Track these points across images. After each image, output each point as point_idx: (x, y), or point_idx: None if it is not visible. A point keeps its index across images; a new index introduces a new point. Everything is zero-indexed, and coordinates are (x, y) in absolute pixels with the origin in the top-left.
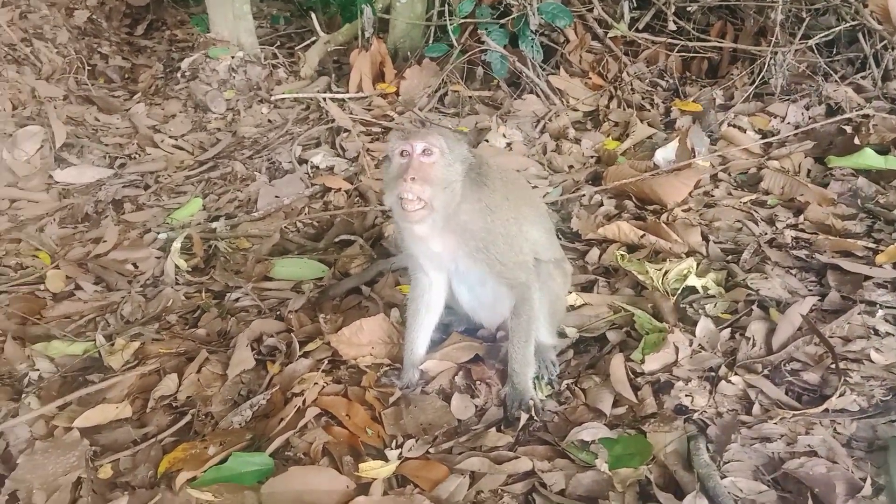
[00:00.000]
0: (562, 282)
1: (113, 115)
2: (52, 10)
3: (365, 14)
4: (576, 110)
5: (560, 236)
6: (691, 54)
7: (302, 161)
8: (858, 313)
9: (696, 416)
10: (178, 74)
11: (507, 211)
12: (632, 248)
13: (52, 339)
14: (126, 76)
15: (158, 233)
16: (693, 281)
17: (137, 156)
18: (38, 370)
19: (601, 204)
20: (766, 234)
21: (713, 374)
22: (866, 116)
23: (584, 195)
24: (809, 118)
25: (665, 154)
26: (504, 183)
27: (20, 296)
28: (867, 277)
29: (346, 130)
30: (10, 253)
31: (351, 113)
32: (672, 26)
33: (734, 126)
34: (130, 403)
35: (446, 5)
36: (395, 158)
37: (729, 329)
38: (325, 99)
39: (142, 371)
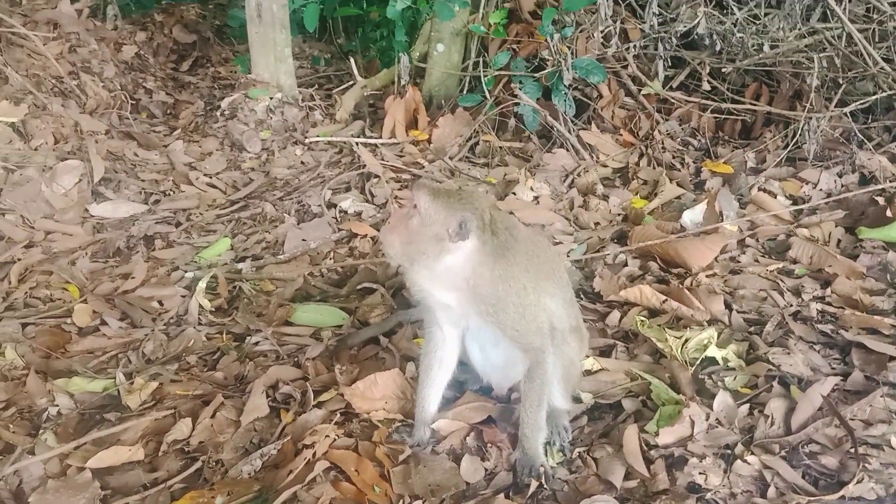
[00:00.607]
0: (577, 346)
1: (152, 151)
2: (101, 44)
3: (402, 62)
4: (605, 166)
5: (581, 296)
6: (724, 115)
7: (331, 205)
8: (881, 396)
9: (709, 495)
10: (218, 113)
11: (525, 281)
12: (653, 313)
13: (73, 374)
14: (168, 112)
15: (186, 271)
16: (713, 352)
17: (172, 192)
18: (57, 406)
19: (625, 264)
20: (791, 305)
21: (729, 451)
22: None
23: (608, 254)
24: (842, 186)
25: (693, 216)
26: (528, 255)
27: (46, 329)
28: (892, 358)
29: (376, 176)
30: (40, 285)
31: (382, 159)
32: (706, 86)
33: (765, 190)
34: (143, 446)
35: (482, 56)
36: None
37: (748, 405)
38: (357, 144)
39: (157, 415)
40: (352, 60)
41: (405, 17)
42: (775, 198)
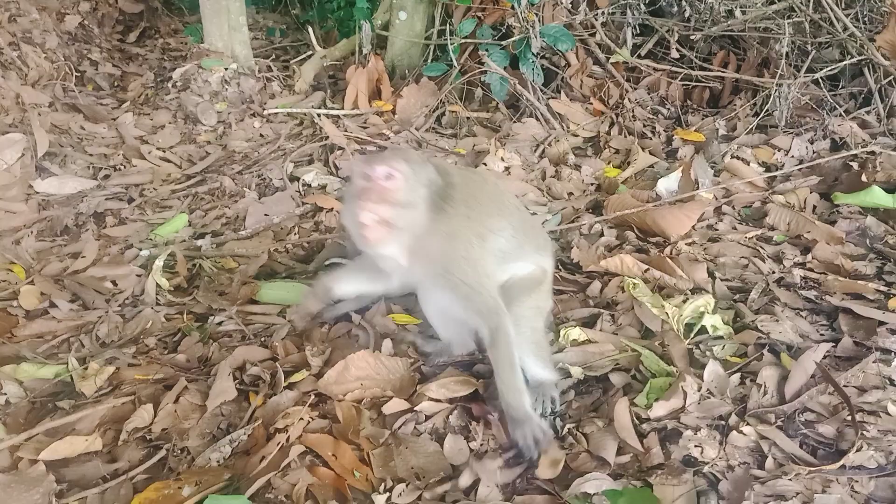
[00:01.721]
0: (536, 305)
1: (99, 125)
2: (43, 14)
3: (363, 30)
4: (576, 136)
5: (559, 267)
6: (693, 83)
7: (293, 178)
8: (874, 362)
9: (706, 469)
10: (170, 84)
11: (469, 231)
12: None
13: (22, 360)
14: (115, 84)
15: (141, 249)
16: (708, 320)
17: (123, 167)
18: (5, 394)
19: (602, 234)
20: (773, 272)
21: (723, 423)
22: (872, 153)
23: (584, 224)
24: (814, 153)
25: (668, 184)
26: (467, 203)
27: None
28: (881, 323)
29: (340, 148)
30: None
31: (346, 130)
32: (675, 54)
33: (737, 157)
34: (101, 435)
35: (447, 25)
36: (356, 181)
37: (739, 374)
38: (319, 115)
39: (115, 402)
40: (310, 30)
41: None
42: (748, 165)
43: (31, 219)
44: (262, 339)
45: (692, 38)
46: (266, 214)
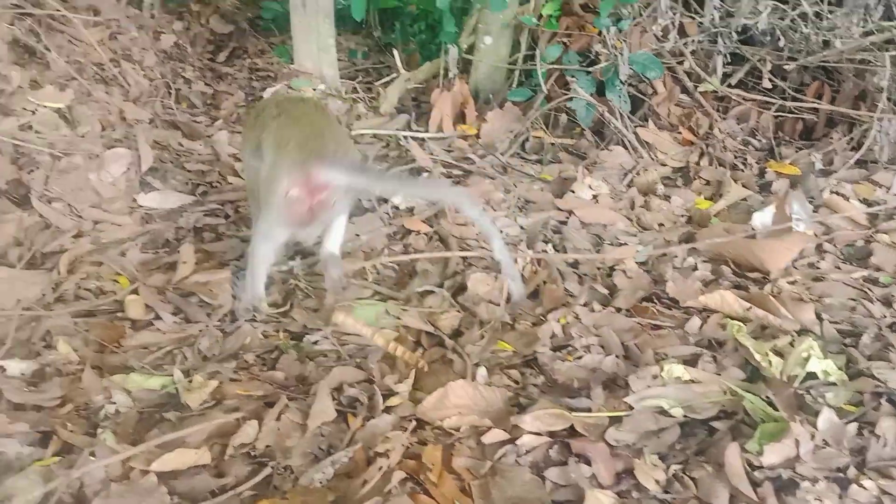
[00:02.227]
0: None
1: (196, 141)
2: (141, 32)
3: (450, 54)
4: (664, 165)
5: (655, 300)
6: (785, 114)
7: (381, 200)
8: None
9: None
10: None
11: None
12: (733, 319)
13: (129, 370)
14: (208, 102)
15: (237, 267)
16: (815, 365)
17: (219, 184)
18: (114, 403)
19: (695, 268)
20: (885, 316)
21: (841, 475)
22: None
23: (676, 256)
24: None
25: (763, 218)
26: None
27: (99, 322)
28: None
29: (426, 171)
30: (90, 276)
31: (431, 153)
32: (767, 84)
33: (836, 193)
34: (209, 449)
35: (533, 50)
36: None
37: (855, 424)
38: (405, 138)
39: (220, 417)
40: (395, 53)
41: (454, 7)
42: (848, 201)
43: (136, 231)
44: (357, 360)
45: (785, 68)
46: (357, 234)
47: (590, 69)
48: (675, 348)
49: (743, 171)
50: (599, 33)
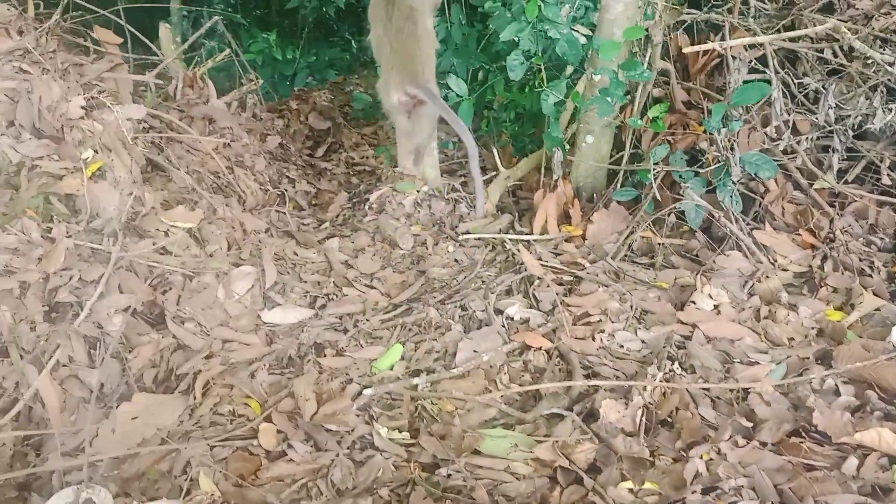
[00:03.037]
0: None
1: (310, 249)
2: (251, 136)
3: (555, 157)
4: (786, 270)
5: (803, 434)
6: None
7: (497, 311)
8: None
9: None
10: (366, 207)
11: None
12: (892, 459)
13: None
14: (312, 203)
15: (362, 386)
16: None
17: (335, 296)
18: None
19: (837, 391)
20: None
21: None
22: None
23: (813, 377)
24: None
25: None
26: None
27: (236, 453)
28: None
29: (537, 278)
30: (223, 399)
31: (540, 258)
32: (886, 180)
33: None
34: None
35: (638, 148)
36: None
37: None
38: (514, 243)
39: None
40: (494, 151)
41: (558, 110)
42: None
43: (263, 352)
44: (495, 497)
45: None
46: (475, 351)
47: (700, 171)
48: (837, 497)
49: (871, 276)
50: (705, 131)
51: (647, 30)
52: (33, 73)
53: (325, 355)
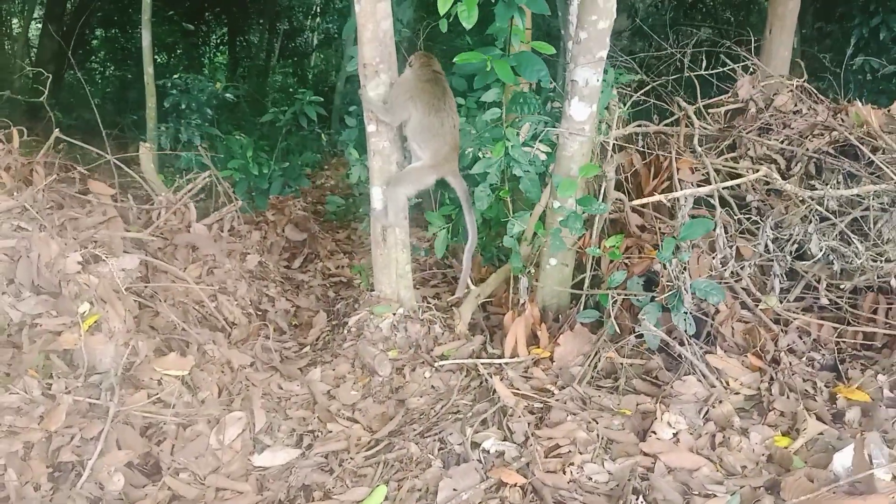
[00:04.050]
0: None
1: (293, 382)
2: (231, 259)
3: (521, 284)
4: (737, 394)
5: None
6: (845, 326)
7: (473, 444)
8: None
9: None
10: (345, 331)
11: None
12: None
13: None
14: (293, 323)
15: None
16: None
17: (320, 432)
18: None
19: None
20: None
21: None
22: None
23: None
24: None
25: (843, 461)
26: None
27: None
28: None
29: (510, 408)
30: None
31: (511, 385)
32: (824, 300)
33: None
34: None
35: (598, 270)
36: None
37: None
38: (486, 367)
39: None
40: (467, 275)
41: (519, 241)
42: None
43: (254, 499)
44: None
45: (841, 286)
46: (454, 489)
47: (655, 294)
48: None
49: (815, 399)
50: (663, 266)
51: (601, 167)
52: (31, 230)
53: (313, 498)
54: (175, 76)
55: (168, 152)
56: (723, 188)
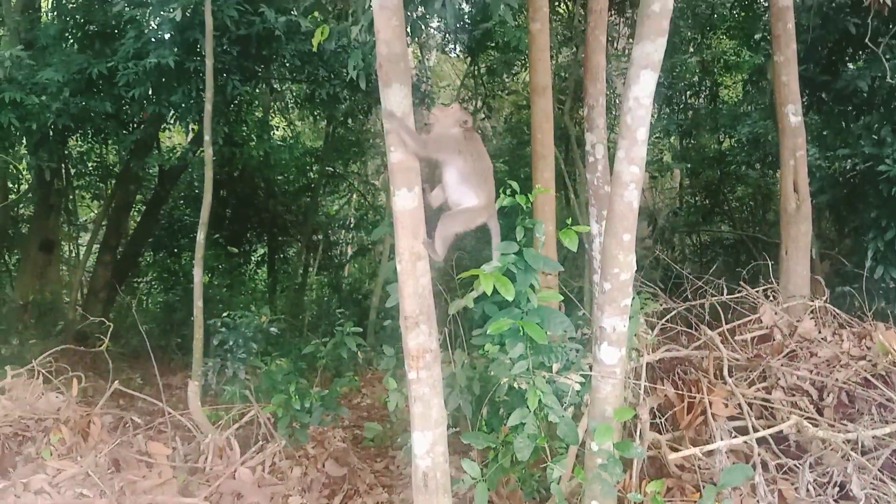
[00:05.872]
0: None
1: None
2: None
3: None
4: None
5: None
6: None
7: None
8: None
9: None
10: None
11: None
12: None
13: None
14: None
15: None
16: None
17: None
18: None
19: None
20: None
21: None
22: None
23: None
24: None
25: None
26: None
27: None
28: None
29: None
30: None
31: None
32: None
33: None
34: None
35: None
36: None
37: None
38: None
39: None
40: None
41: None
42: None
43: None
44: None
45: None
46: None
47: None
48: None
49: None
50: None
51: (635, 410)
52: (92, 496)
53: None
54: (224, 315)
55: (214, 388)
56: (758, 433)
